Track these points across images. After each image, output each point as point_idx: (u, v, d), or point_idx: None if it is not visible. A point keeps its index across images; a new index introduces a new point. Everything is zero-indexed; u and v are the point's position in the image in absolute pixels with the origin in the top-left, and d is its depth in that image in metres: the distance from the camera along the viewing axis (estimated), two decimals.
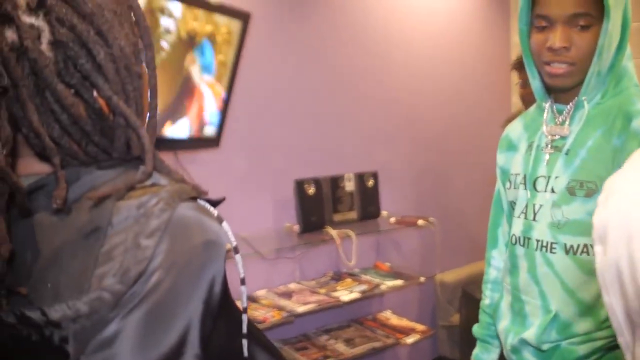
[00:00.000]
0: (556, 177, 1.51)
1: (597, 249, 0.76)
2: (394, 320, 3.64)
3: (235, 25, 2.67)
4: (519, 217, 1.61)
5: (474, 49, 4.37)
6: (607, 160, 1.42)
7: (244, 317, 0.88)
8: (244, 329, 0.88)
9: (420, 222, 3.63)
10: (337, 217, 3.36)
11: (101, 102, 0.78)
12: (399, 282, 3.44)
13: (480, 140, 4.32)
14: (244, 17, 2.69)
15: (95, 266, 0.71)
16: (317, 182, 3.28)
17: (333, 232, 3.27)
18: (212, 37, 2.61)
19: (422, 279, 3.55)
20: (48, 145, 0.75)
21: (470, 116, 4.33)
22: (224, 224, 0.81)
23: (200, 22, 2.53)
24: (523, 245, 1.58)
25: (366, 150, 3.67)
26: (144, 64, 0.85)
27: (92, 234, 0.73)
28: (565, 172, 1.49)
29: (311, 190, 3.24)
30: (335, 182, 3.36)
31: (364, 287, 3.32)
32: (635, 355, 0.72)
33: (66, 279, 0.73)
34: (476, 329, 1.81)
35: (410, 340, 3.42)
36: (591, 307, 1.47)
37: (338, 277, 3.47)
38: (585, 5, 1.41)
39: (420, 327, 3.55)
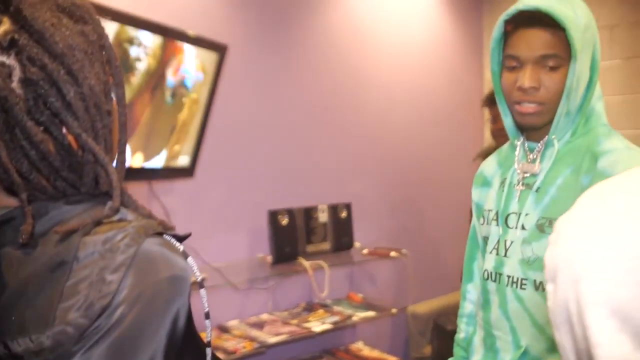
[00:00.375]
0: (526, 214, 1.53)
1: (549, 288, 0.78)
2: (366, 351, 3.64)
3: (212, 57, 2.70)
4: (491, 252, 1.62)
5: (448, 84, 4.44)
6: (575, 198, 1.42)
7: (208, 351, 0.89)
8: None
9: (393, 253, 3.65)
10: (310, 248, 3.37)
11: (70, 138, 0.80)
12: (371, 313, 3.45)
13: (453, 174, 4.37)
14: (220, 50, 2.73)
15: (60, 300, 0.73)
16: (290, 212, 3.30)
17: (306, 263, 3.28)
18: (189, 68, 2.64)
19: (394, 310, 3.56)
20: (16, 181, 0.76)
21: (443, 150, 4.39)
22: (189, 259, 0.83)
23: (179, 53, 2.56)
24: (495, 281, 1.60)
25: (340, 181, 3.70)
26: (114, 101, 0.87)
27: (58, 268, 0.74)
28: (535, 209, 1.51)
29: (285, 221, 3.26)
30: (309, 213, 3.38)
31: (336, 318, 3.32)
32: None
33: (31, 312, 0.74)
34: None
35: None
36: None
37: (310, 308, 3.48)
38: (554, 47, 1.43)
39: (392, 358, 3.56)
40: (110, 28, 2.22)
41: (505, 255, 1.57)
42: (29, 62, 0.76)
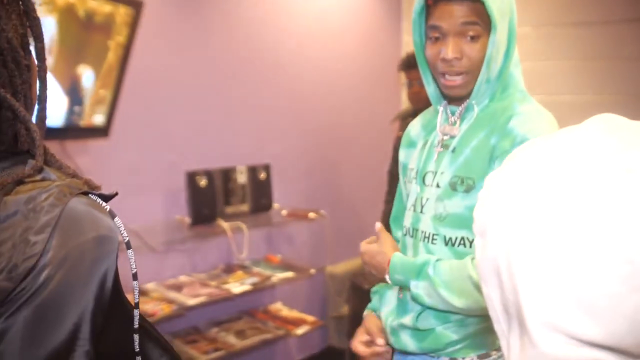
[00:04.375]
0: (442, 173, 1.59)
1: (477, 242, 0.80)
2: (285, 312, 3.68)
3: (127, 12, 2.61)
4: (409, 209, 1.69)
5: (366, 45, 4.46)
6: (485, 157, 1.53)
7: (136, 312, 0.87)
8: (136, 324, 0.88)
9: (311, 214, 3.68)
10: (229, 210, 3.35)
11: None
12: (289, 274, 3.48)
13: (371, 135, 4.42)
14: (136, 5, 2.64)
15: None
16: (209, 174, 3.26)
17: (224, 224, 3.27)
18: (110, 18, 2.55)
19: (312, 270, 3.60)
20: None
21: (361, 111, 4.42)
22: (117, 219, 0.81)
23: (99, 1, 2.47)
24: (412, 237, 1.66)
25: (258, 142, 3.68)
26: (33, 56, 0.83)
27: None
28: (449, 169, 1.58)
29: (203, 182, 3.22)
30: (228, 174, 3.35)
31: (255, 279, 3.34)
32: (510, 343, 0.77)
33: None
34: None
35: (300, 331, 3.48)
36: None
37: (229, 269, 3.47)
38: (474, 15, 1.49)
39: (310, 318, 3.62)
40: None
41: (421, 212, 1.63)
42: None
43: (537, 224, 0.69)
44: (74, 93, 2.57)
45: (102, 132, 2.74)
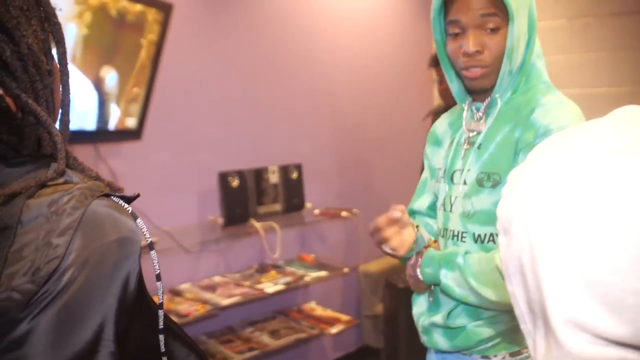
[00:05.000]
0: (468, 170, 1.59)
1: (501, 239, 0.80)
2: (319, 311, 3.68)
3: (157, 13, 2.64)
4: (439, 209, 1.69)
5: (397, 43, 4.44)
6: (509, 152, 1.52)
7: (160, 313, 0.88)
8: (161, 324, 0.88)
9: (344, 213, 3.68)
10: (262, 210, 3.37)
11: (9, 100, 0.77)
12: (323, 273, 3.48)
13: (403, 133, 4.40)
14: (166, 8, 2.67)
15: (4, 266, 0.70)
16: (241, 174, 3.28)
17: (257, 224, 3.28)
18: (142, 17, 2.58)
19: (346, 269, 3.60)
20: None
21: (392, 109, 4.40)
22: (139, 220, 0.81)
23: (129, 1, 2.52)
24: (442, 237, 1.66)
25: (290, 142, 3.69)
26: (55, 60, 0.84)
27: (1, 233, 0.72)
28: (475, 165, 1.57)
29: (235, 182, 3.24)
30: (260, 174, 3.37)
31: (288, 278, 3.34)
32: (536, 342, 0.76)
33: None
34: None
35: (334, 330, 3.48)
36: None
37: (262, 269, 3.48)
38: (492, 6, 1.49)
39: (344, 317, 3.61)
40: None
41: (450, 211, 1.63)
42: None
43: (561, 221, 0.68)
44: (106, 92, 2.60)
45: (134, 134, 2.78)
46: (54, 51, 0.84)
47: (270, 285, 3.24)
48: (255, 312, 3.49)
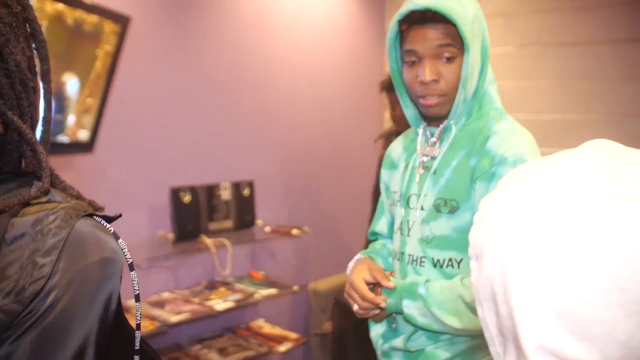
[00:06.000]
0: (425, 195, 1.61)
1: (473, 265, 0.82)
2: (267, 328, 3.66)
3: (114, 27, 2.61)
4: (396, 232, 1.71)
5: (350, 64, 4.49)
6: (466, 179, 1.55)
7: (137, 334, 0.87)
8: (137, 345, 0.88)
9: (295, 231, 3.68)
10: (213, 226, 3.35)
11: None
12: (273, 290, 3.47)
13: (355, 154, 4.44)
14: (123, 21, 2.64)
15: None
16: (193, 190, 3.25)
17: (208, 240, 3.26)
18: (99, 28, 2.55)
19: (295, 287, 3.60)
20: None
21: (345, 130, 4.43)
22: (120, 240, 0.81)
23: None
24: (399, 260, 1.67)
25: (243, 159, 3.68)
26: (38, 78, 0.84)
27: None
28: (432, 191, 1.60)
29: (187, 198, 3.21)
30: (212, 190, 3.35)
31: (238, 295, 3.32)
32: None
33: None
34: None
35: (283, 348, 3.46)
36: None
37: (212, 286, 3.45)
38: (448, 37, 1.52)
39: (293, 335, 3.60)
40: None
41: (408, 235, 1.65)
42: None
43: (533, 250, 0.70)
44: (60, 102, 2.55)
45: (86, 147, 2.73)
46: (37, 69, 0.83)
47: (220, 302, 3.21)
48: (204, 329, 3.46)
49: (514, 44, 4.08)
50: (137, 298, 0.86)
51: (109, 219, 0.82)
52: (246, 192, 3.52)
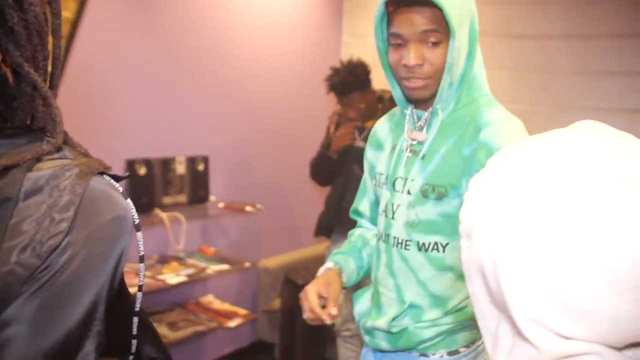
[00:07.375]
0: (412, 180, 1.61)
1: (463, 242, 0.82)
2: (217, 304, 3.66)
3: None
4: (381, 214, 1.70)
5: (306, 43, 4.48)
6: (457, 167, 1.55)
7: (139, 295, 0.87)
8: (137, 307, 0.88)
9: (248, 208, 3.68)
10: (167, 200, 3.32)
11: (5, 68, 0.74)
12: (225, 266, 3.47)
13: (309, 134, 4.44)
14: None
15: (3, 239, 0.68)
16: (148, 162, 3.22)
17: (162, 214, 3.23)
18: None
19: (247, 264, 3.61)
20: None
21: (300, 108, 4.43)
22: (128, 200, 0.81)
23: None
24: (384, 242, 1.68)
25: (199, 134, 3.64)
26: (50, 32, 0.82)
27: (0, 205, 0.69)
28: (420, 176, 1.60)
29: (142, 170, 3.18)
30: (167, 164, 3.32)
31: (190, 270, 3.31)
32: (498, 339, 0.79)
33: None
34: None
35: (232, 324, 3.48)
36: (440, 298, 1.60)
37: (164, 260, 3.43)
38: (433, 23, 1.51)
39: (242, 311, 3.62)
40: None
41: (392, 218, 1.65)
42: None
43: (523, 228, 0.71)
44: None
45: None
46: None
47: (172, 277, 3.20)
48: (154, 303, 3.43)
49: (508, 34, 4.11)
50: (142, 259, 0.86)
51: (117, 178, 0.81)
52: (201, 167, 3.50)
